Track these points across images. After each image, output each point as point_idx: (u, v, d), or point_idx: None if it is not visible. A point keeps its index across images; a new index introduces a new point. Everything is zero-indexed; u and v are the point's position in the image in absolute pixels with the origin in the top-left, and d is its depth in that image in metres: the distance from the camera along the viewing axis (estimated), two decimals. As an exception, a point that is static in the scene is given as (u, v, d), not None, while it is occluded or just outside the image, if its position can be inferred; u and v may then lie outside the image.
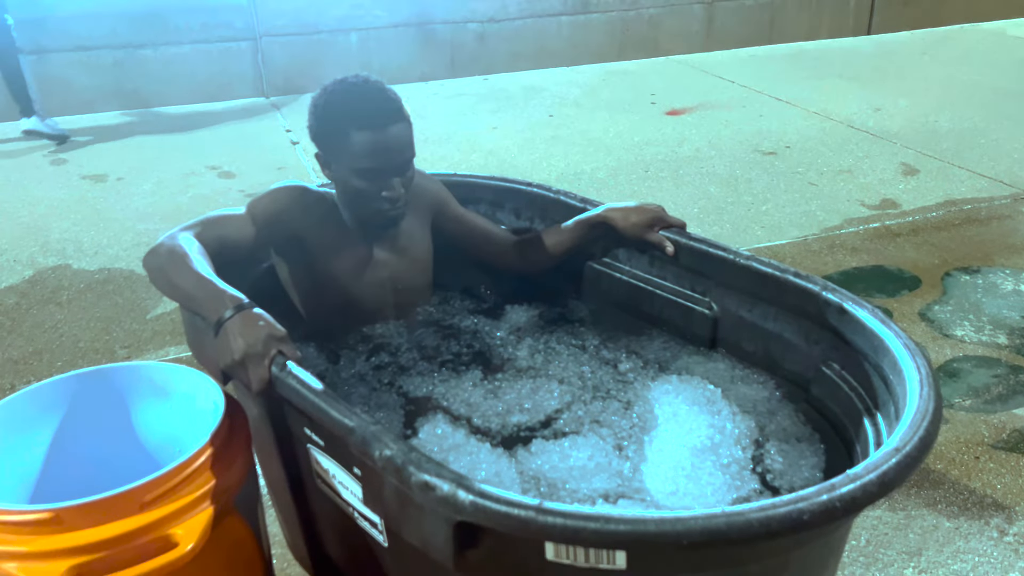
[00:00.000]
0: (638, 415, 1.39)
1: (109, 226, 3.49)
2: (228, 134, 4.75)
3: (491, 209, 1.89)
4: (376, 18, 5.62)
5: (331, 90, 1.55)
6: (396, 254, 1.67)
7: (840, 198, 3.61)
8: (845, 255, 3.06)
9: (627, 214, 1.63)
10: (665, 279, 1.64)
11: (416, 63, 5.78)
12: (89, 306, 2.84)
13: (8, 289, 2.97)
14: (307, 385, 1.14)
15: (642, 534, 0.88)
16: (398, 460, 0.99)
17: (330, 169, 1.57)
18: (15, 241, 3.36)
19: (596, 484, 1.23)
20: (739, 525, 0.88)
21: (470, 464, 1.26)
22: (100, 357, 2.53)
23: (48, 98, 5.07)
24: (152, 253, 1.38)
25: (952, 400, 2.22)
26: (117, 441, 1.38)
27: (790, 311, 1.44)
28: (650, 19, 6.30)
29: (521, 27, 5.98)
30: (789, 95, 5.16)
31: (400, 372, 1.52)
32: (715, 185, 3.81)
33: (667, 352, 1.58)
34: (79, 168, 4.20)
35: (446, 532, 0.97)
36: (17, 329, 2.70)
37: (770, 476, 1.26)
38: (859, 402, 1.27)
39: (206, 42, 5.35)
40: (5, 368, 2.48)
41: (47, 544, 1.04)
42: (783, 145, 4.29)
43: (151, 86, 5.29)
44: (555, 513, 0.89)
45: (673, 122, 4.75)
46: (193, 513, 1.12)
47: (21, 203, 3.76)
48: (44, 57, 5.05)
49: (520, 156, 4.23)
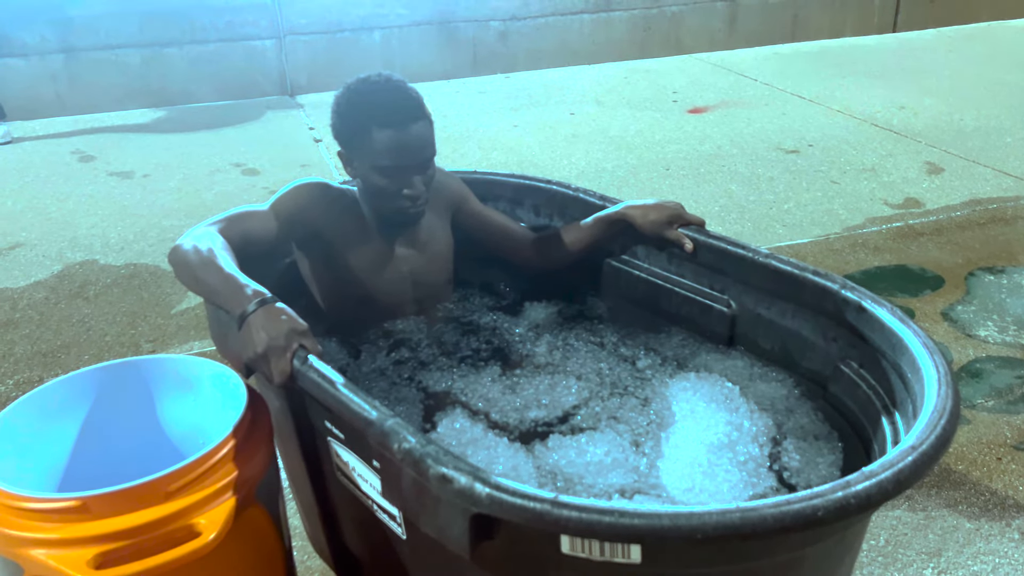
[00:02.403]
0: (655, 412, 1.40)
1: (135, 222, 3.54)
2: (252, 132, 4.79)
3: (511, 206, 1.90)
4: (399, 16, 5.65)
5: (353, 88, 1.57)
6: (416, 250, 1.68)
7: (863, 197, 3.58)
8: (867, 254, 3.04)
9: (646, 211, 1.64)
10: (684, 276, 1.64)
11: (438, 61, 5.80)
12: (115, 301, 2.89)
13: (38, 284, 3.02)
14: (328, 378, 1.15)
15: (657, 528, 0.89)
16: (416, 453, 1.00)
17: (352, 167, 1.59)
18: (44, 237, 3.42)
19: (612, 479, 1.24)
20: (753, 520, 0.88)
21: (488, 458, 1.27)
22: (126, 351, 2.57)
23: (76, 96, 5.17)
24: (177, 249, 1.41)
25: (974, 401, 2.20)
26: (143, 431, 1.41)
27: (808, 309, 1.44)
28: (672, 17, 6.28)
29: (543, 25, 5.99)
30: (812, 93, 5.13)
31: (420, 367, 1.54)
32: (737, 183, 3.79)
33: (685, 349, 1.59)
34: (106, 165, 4.26)
35: (462, 524, 0.98)
36: (46, 323, 2.75)
37: (787, 474, 1.27)
38: (877, 400, 1.27)
39: (231, 40, 5.41)
40: (34, 361, 2.53)
41: (75, 531, 1.06)
42: (805, 143, 4.27)
43: (177, 84, 5.35)
44: (570, 506, 0.90)
45: (695, 120, 4.74)
46: (216, 503, 1.14)
47: (50, 199, 3.83)
48: (73, 56, 5.13)
49: (541, 154, 4.24)
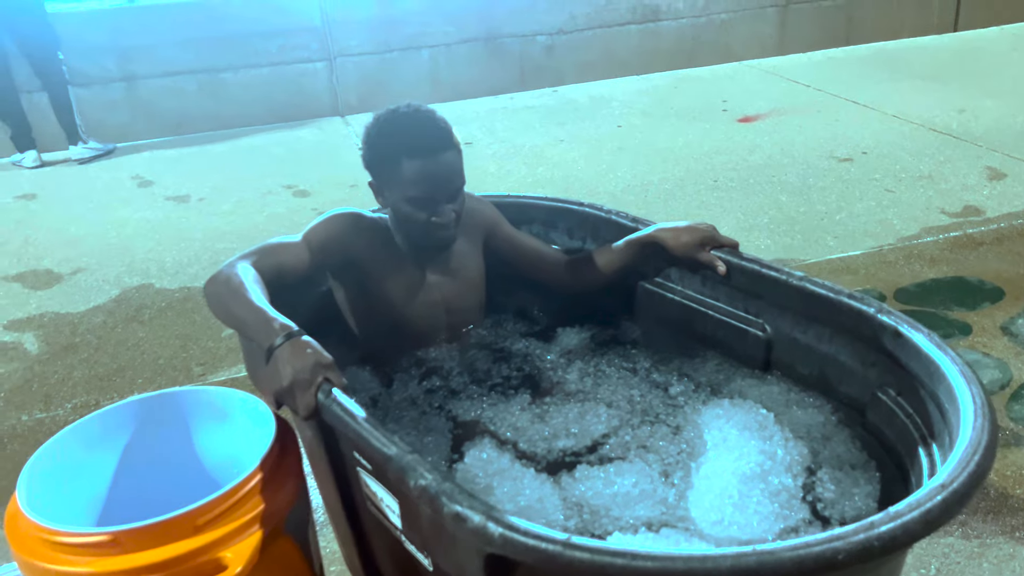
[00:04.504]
0: (687, 440, 1.37)
1: (190, 246, 3.64)
2: (304, 153, 4.89)
3: (544, 229, 1.89)
4: (446, 34, 5.71)
5: (383, 119, 1.58)
6: (448, 277, 1.69)
7: (919, 205, 3.47)
8: (923, 266, 2.95)
9: (677, 234, 1.61)
10: (718, 300, 1.61)
11: (485, 77, 5.84)
12: (169, 324, 2.97)
13: (96, 308, 3.13)
14: (350, 412, 1.16)
15: (670, 572, 0.87)
16: (432, 490, 1.00)
17: (383, 196, 1.61)
18: (104, 261, 3.55)
19: (639, 512, 1.22)
20: (770, 564, 0.86)
21: (513, 490, 1.26)
22: (177, 374, 2.65)
23: (137, 122, 5.36)
24: (211, 281, 1.44)
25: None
26: (180, 461, 1.44)
27: (845, 333, 1.40)
28: (722, 24, 6.21)
29: (590, 37, 5.98)
30: (866, 98, 5.00)
31: (450, 396, 1.54)
32: (786, 194, 3.72)
33: (720, 375, 1.55)
34: (164, 190, 4.40)
35: (478, 563, 0.98)
36: (103, 347, 2.85)
37: (821, 505, 1.23)
38: (915, 430, 1.22)
39: (284, 64, 5.54)
40: (91, 385, 2.62)
41: (107, 565, 1.09)
42: (859, 151, 4.16)
43: (232, 108, 5.50)
44: (582, 548, 0.89)
45: (744, 129, 4.66)
46: (243, 536, 1.16)
47: (110, 224, 3.96)
48: (133, 84, 5.32)
49: (586, 168, 4.22)
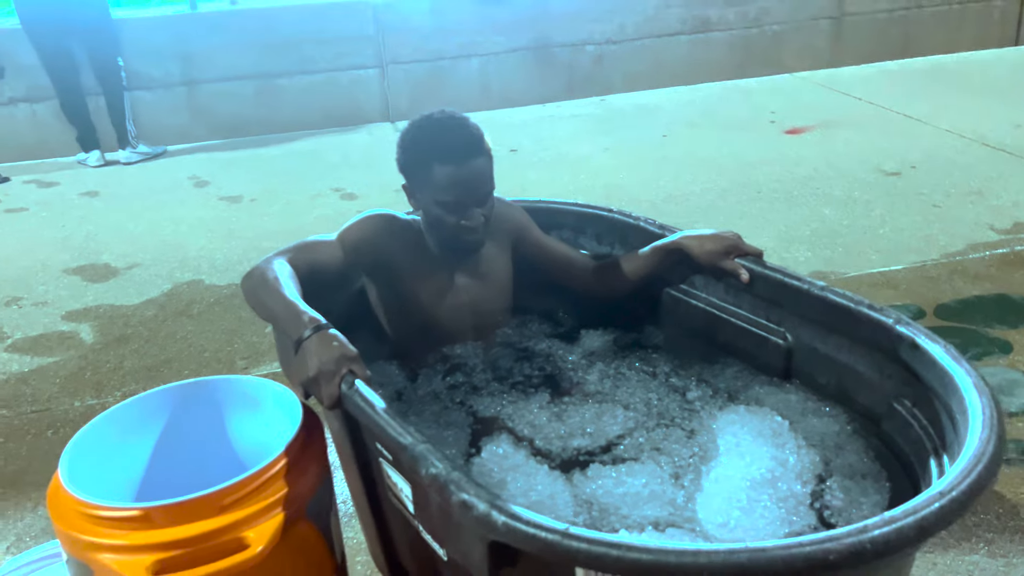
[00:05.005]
0: (700, 444, 1.39)
1: (239, 244, 3.77)
2: (353, 157, 5.00)
3: (573, 235, 1.93)
4: (496, 43, 5.79)
5: (417, 125, 1.63)
6: (477, 279, 1.73)
7: (966, 221, 3.41)
8: (966, 282, 2.90)
9: (702, 241, 1.64)
10: (740, 308, 1.62)
11: (534, 86, 5.90)
12: (216, 319, 3.08)
13: (148, 302, 3.26)
14: (369, 402, 1.21)
15: (663, 565, 0.89)
16: (442, 478, 1.04)
17: (415, 199, 1.66)
18: (158, 257, 3.68)
19: (647, 512, 1.24)
20: (761, 562, 0.88)
21: (526, 485, 1.30)
22: (222, 367, 2.74)
23: (196, 125, 5.54)
24: (248, 276, 1.51)
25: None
26: (213, 446, 1.51)
27: (864, 344, 1.40)
28: (774, 35, 6.16)
29: (639, 47, 5.99)
30: (920, 112, 4.92)
31: (472, 392, 1.58)
32: (830, 207, 3.69)
33: (739, 382, 1.57)
34: (218, 190, 4.55)
35: (482, 550, 1.02)
36: (153, 339, 2.97)
37: (828, 513, 1.24)
38: (928, 441, 1.23)
39: (337, 71, 5.67)
40: (140, 375, 2.73)
41: (137, 539, 1.16)
42: (908, 165, 4.10)
43: (286, 113, 5.65)
44: (580, 539, 0.92)
45: (791, 141, 4.63)
46: (266, 518, 1.22)
47: (166, 222, 4.11)
48: (193, 88, 5.50)
49: (629, 177, 4.24)
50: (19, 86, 5.21)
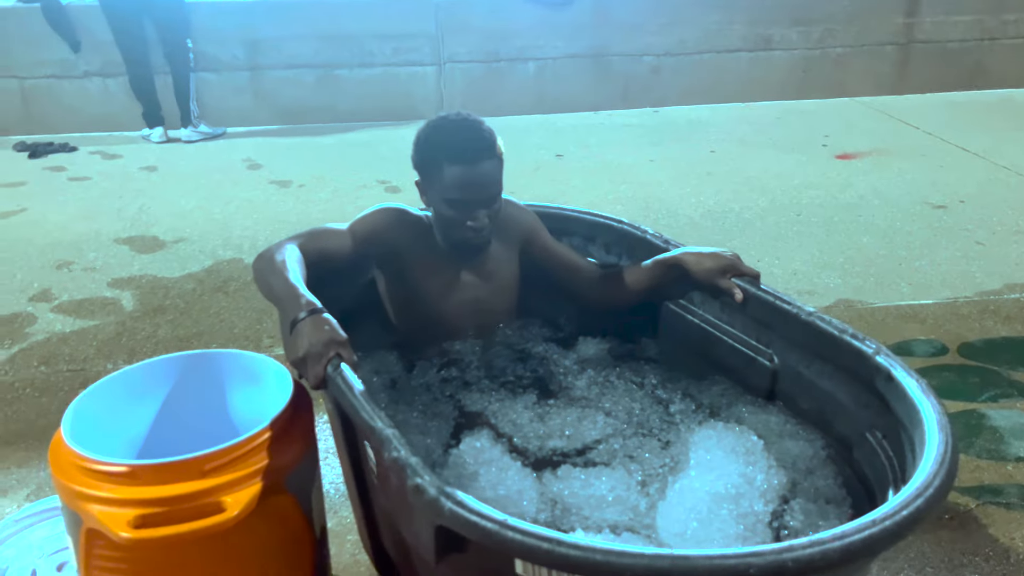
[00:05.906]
0: (672, 456, 1.42)
1: (283, 228, 3.88)
2: (403, 151, 5.01)
3: (584, 242, 1.97)
4: (554, 48, 5.83)
5: (433, 124, 1.70)
6: (483, 278, 1.79)
7: (1008, 261, 3.33)
8: (997, 322, 2.84)
9: (701, 259, 1.66)
10: (733, 327, 1.64)
11: (589, 92, 5.93)
12: (250, 297, 3.19)
13: (189, 276, 3.39)
14: (350, 385, 1.28)
15: (590, 562, 0.93)
16: (401, 462, 1.10)
17: (426, 196, 1.73)
18: (205, 234, 3.83)
19: (608, 515, 1.28)
20: (683, 569, 0.91)
21: (496, 479, 1.34)
22: (248, 344, 2.84)
23: (257, 109, 5.72)
24: (259, 257, 1.59)
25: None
26: (213, 415, 1.59)
27: (845, 372, 1.41)
28: (837, 59, 6.08)
29: (698, 62, 5.97)
30: (978, 146, 4.81)
31: (463, 387, 1.63)
32: (870, 236, 3.64)
33: (724, 399, 1.59)
34: (269, 174, 4.69)
35: (430, 532, 1.07)
36: (189, 311, 3.09)
37: (785, 532, 1.26)
38: (891, 472, 1.24)
39: (396, 65, 5.79)
40: (171, 345, 2.85)
41: (123, 493, 1.24)
42: (957, 199, 4.02)
43: (344, 103, 5.79)
44: (515, 530, 0.96)
45: (841, 166, 4.57)
46: (245, 485, 1.28)
47: (217, 201, 4.27)
48: (257, 73, 5.68)
49: (670, 190, 4.24)
50: (94, 60, 5.46)
